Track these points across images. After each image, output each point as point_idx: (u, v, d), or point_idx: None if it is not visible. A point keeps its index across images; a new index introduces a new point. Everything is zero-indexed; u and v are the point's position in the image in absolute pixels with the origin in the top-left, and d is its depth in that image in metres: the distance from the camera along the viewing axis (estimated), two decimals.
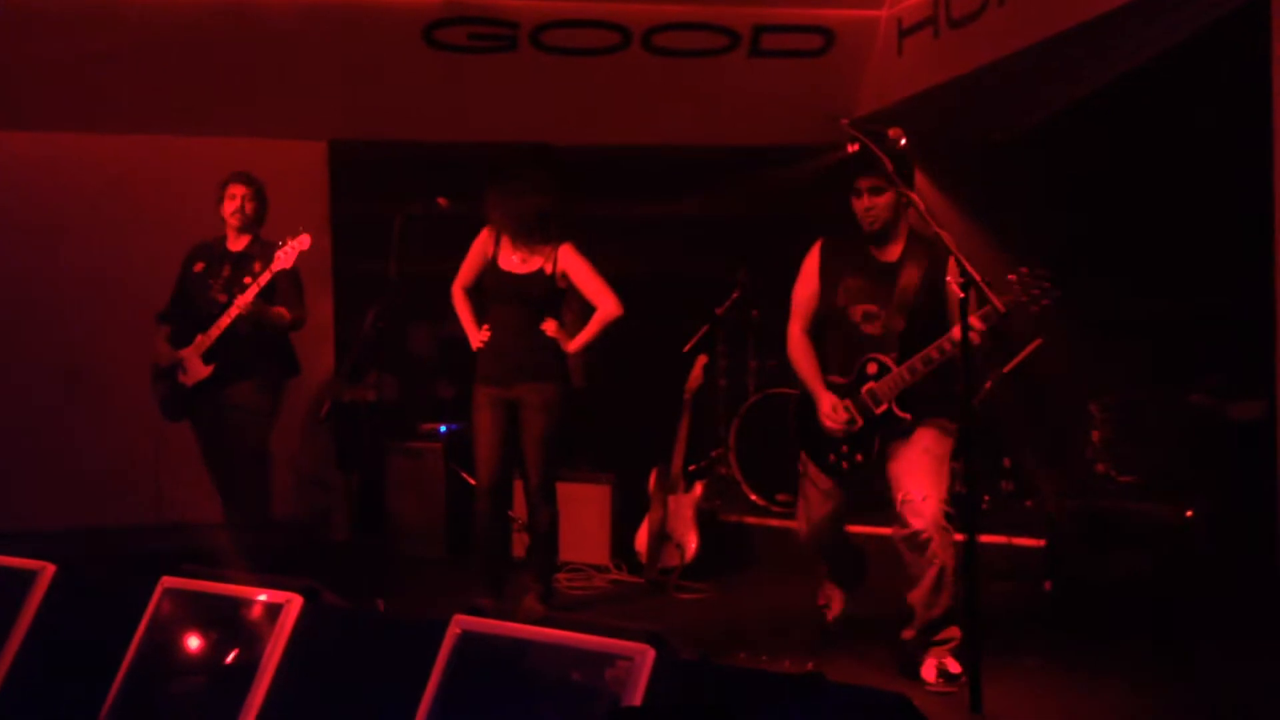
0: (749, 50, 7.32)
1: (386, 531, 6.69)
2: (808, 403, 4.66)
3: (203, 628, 3.01)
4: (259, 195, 5.65)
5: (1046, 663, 4.59)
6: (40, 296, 7.10)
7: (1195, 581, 5.23)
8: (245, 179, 5.64)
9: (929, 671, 4.35)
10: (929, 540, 4.34)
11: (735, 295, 7.08)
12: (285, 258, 5.34)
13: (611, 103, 7.48)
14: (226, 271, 5.52)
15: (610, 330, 5.39)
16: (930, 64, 6.77)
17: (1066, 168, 6.63)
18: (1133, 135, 6.36)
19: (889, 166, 4.29)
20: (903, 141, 4.52)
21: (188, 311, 5.58)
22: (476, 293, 5.48)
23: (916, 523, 4.35)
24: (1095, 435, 6.28)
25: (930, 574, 4.36)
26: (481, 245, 5.42)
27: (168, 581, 3.11)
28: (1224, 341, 5.79)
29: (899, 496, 4.41)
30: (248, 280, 5.40)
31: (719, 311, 7.08)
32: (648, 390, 6.79)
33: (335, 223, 7.61)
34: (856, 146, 4.34)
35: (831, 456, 4.60)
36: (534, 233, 5.30)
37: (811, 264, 4.71)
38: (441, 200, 5.34)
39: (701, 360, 6.48)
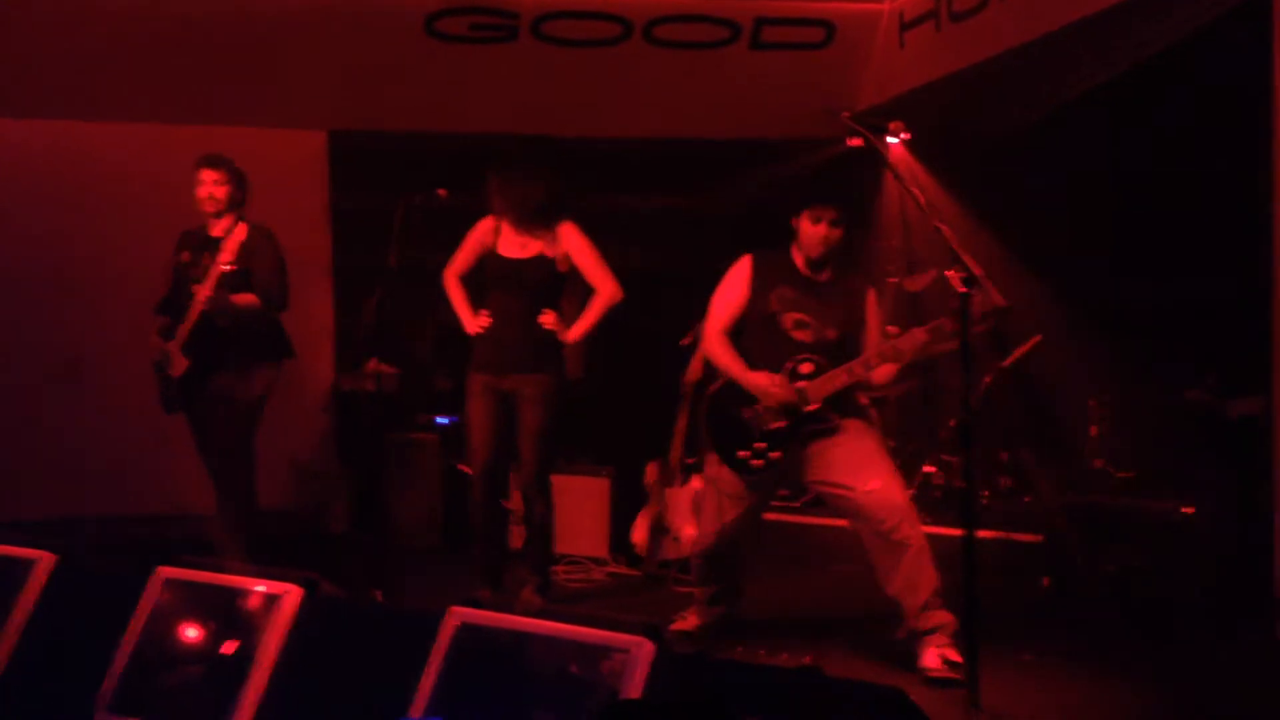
0: (750, 43, 7.30)
1: (384, 523, 6.69)
2: (722, 401, 4.66)
3: (200, 618, 3.01)
4: (232, 177, 5.48)
5: (1044, 658, 4.59)
6: (40, 286, 7.07)
7: (1193, 578, 5.22)
8: (212, 162, 5.48)
9: (932, 659, 4.32)
10: (900, 524, 4.35)
11: None
12: (228, 251, 5.22)
13: (612, 94, 7.46)
14: (207, 259, 5.37)
15: (609, 322, 5.37)
16: (932, 58, 6.75)
17: (1067, 163, 6.62)
18: (1134, 131, 6.35)
19: (888, 160, 4.31)
20: (903, 134, 4.56)
21: (178, 303, 5.54)
22: (471, 282, 5.44)
23: (884, 511, 4.36)
24: (1093, 431, 6.26)
25: (907, 559, 4.36)
26: (480, 234, 5.39)
27: (165, 571, 3.11)
28: (1223, 338, 5.78)
29: (860, 488, 4.42)
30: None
31: None
32: (646, 383, 6.78)
33: (335, 214, 7.59)
34: (859, 140, 4.35)
35: (743, 454, 4.58)
36: (535, 220, 5.28)
37: (741, 273, 4.74)
38: (441, 191, 5.31)
39: (700, 353, 6.47)
